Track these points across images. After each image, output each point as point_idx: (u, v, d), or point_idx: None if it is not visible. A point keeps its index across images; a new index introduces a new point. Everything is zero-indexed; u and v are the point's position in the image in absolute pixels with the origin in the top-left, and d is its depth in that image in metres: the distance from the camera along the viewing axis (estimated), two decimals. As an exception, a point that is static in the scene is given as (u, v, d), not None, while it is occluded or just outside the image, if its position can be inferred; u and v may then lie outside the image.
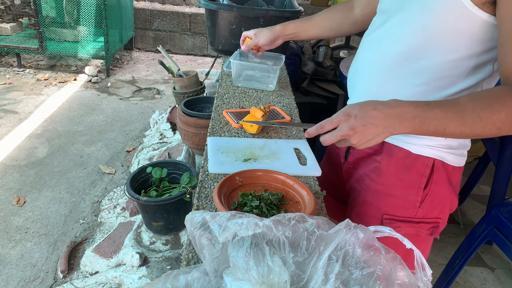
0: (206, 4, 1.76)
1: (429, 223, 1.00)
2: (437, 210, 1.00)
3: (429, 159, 0.94)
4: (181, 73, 2.71)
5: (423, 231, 1.00)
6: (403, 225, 0.99)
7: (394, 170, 0.98)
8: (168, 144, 2.84)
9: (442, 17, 0.79)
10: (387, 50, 0.91)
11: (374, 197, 1.03)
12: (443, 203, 1.00)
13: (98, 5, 4.16)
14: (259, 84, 1.51)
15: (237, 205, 0.81)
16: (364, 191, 1.05)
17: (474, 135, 0.76)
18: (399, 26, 0.88)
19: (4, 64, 4.46)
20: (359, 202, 1.07)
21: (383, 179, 1.00)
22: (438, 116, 0.73)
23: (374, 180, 1.02)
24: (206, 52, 5.56)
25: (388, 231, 0.61)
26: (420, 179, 0.96)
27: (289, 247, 0.57)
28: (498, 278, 2.12)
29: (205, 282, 0.56)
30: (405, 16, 0.86)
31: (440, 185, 0.97)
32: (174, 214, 1.79)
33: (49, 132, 3.18)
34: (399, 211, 1.00)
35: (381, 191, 1.01)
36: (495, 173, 2.16)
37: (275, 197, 0.83)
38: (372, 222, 1.01)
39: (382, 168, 1.00)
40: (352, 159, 1.10)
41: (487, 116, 0.72)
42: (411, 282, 0.56)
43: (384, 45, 0.92)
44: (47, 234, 2.16)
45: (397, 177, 0.98)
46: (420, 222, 1.00)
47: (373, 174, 1.02)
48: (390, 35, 0.91)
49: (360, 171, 1.07)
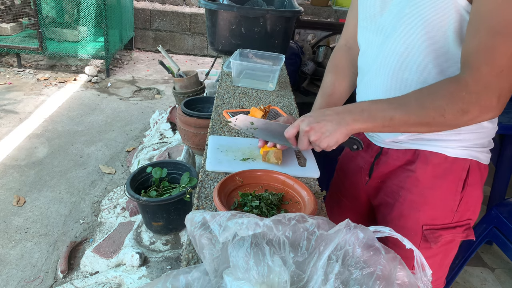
0: (206, 4, 1.76)
1: (463, 226, 0.98)
2: (470, 211, 0.98)
3: (466, 160, 0.92)
4: (181, 73, 2.71)
5: (458, 235, 0.98)
6: (444, 232, 0.97)
7: (432, 177, 0.95)
8: (168, 144, 2.84)
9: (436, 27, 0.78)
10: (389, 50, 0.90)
11: (411, 209, 0.98)
12: (476, 203, 0.98)
13: (98, 5, 4.16)
14: (259, 84, 1.51)
15: (237, 205, 0.81)
16: (399, 204, 1.01)
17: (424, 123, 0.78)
18: (400, 40, 0.86)
19: (4, 64, 4.46)
20: (394, 216, 1.02)
21: (420, 188, 0.96)
22: (384, 108, 0.79)
23: (410, 191, 0.98)
24: (206, 52, 5.56)
25: (388, 231, 0.61)
26: (457, 183, 0.93)
27: (289, 247, 0.57)
28: (498, 278, 2.12)
29: (205, 282, 0.56)
30: (403, 29, 0.85)
31: (475, 185, 0.95)
32: (174, 214, 1.79)
33: (49, 132, 3.18)
34: (438, 219, 0.97)
35: (418, 201, 0.97)
36: (495, 173, 2.16)
37: (275, 197, 0.83)
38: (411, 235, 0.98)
39: (418, 176, 0.96)
40: (378, 174, 1.05)
41: (429, 104, 0.75)
42: (411, 282, 0.56)
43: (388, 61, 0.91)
44: (47, 234, 2.16)
45: (435, 184, 0.95)
46: (456, 227, 0.97)
47: (409, 184, 0.98)
48: (393, 49, 0.88)
49: (391, 183, 1.03)
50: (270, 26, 1.75)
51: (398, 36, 0.85)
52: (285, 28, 1.78)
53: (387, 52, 0.89)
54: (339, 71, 1.12)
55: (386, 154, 1.02)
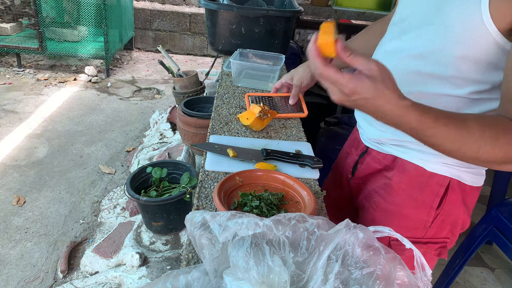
0: (206, 4, 1.76)
1: (437, 243, 0.95)
2: (447, 230, 0.95)
3: (445, 178, 0.88)
4: (181, 73, 2.71)
5: (431, 251, 0.95)
6: None
7: (406, 188, 0.92)
8: (168, 144, 2.84)
9: (462, 41, 0.73)
10: (403, 64, 0.86)
11: (383, 217, 0.97)
12: (454, 223, 0.95)
13: (98, 5, 4.16)
14: (259, 84, 1.51)
15: (237, 205, 0.81)
16: (372, 209, 1.00)
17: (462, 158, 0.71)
18: (416, 42, 0.83)
19: (4, 64, 4.46)
20: (367, 221, 1.01)
21: (394, 197, 0.94)
22: (438, 135, 0.67)
23: (384, 198, 0.96)
24: (206, 52, 5.56)
25: (388, 231, 0.61)
26: (433, 199, 0.90)
27: (289, 247, 0.57)
28: (498, 278, 2.12)
29: (205, 282, 0.56)
30: (423, 33, 0.81)
31: (454, 205, 0.91)
32: (174, 214, 1.79)
33: (49, 132, 3.18)
34: (409, 232, 0.93)
35: (391, 210, 0.95)
36: (495, 173, 2.16)
37: (275, 197, 0.83)
38: None
39: (393, 185, 0.94)
40: (360, 174, 1.04)
41: (487, 150, 0.67)
42: (411, 282, 0.56)
43: (400, 58, 0.86)
44: (47, 234, 2.16)
45: (409, 196, 0.92)
46: (428, 243, 0.95)
47: (383, 191, 0.96)
48: (407, 49, 0.85)
49: (369, 187, 1.01)
50: (270, 26, 1.75)
51: (419, 37, 0.81)
52: (285, 28, 1.78)
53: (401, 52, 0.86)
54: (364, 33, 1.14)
55: (370, 155, 1.00)
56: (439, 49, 0.78)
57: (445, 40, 0.76)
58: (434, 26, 0.77)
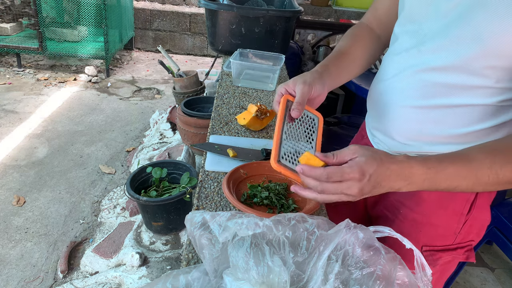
0: (206, 4, 1.76)
1: (464, 247, 0.95)
2: (473, 233, 0.94)
3: None
4: (181, 73, 2.71)
5: (458, 257, 0.94)
6: (443, 254, 0.93)
7: (437, 198, 0.89)
8: (168, 144, 2.84)
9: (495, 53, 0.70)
10: (424, 76, 0.81)
11: (411, 228, 0.94)
12: (481, 226, 0.94)
13: (98, 5, 4.16)
14: (259, 84, 1.51)
15: (246, 197, 0.85)
16: (399, 221, 0.96)
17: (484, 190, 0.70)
18: (440, 54, 0.77)
19: (4, 64, 4.46)
20: None
21: (424, 208, 0.91)
22: (450, 177, 0.67)
23: (413, 209, 0.93)
24: (206, 52, 5.56)
25: (388, 231, 0.61)
26: (464, 205, 0.88)
27: (289, 247, 0.57)
28: (498, 278, 2.12)
29: (205, 282, 0.56)
30: (446, 45, 0.75)
31: (482, 208, 0.91)
32: (174, 214, 1.79)
33: (49, 132, 3.18)
34: (438, 240, 0.93)
35: (420, 221, 0.92)
36: (495, 173, 2.15)
37: (281, 187, 0.87)
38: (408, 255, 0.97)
39: (423, 195, 0.90)
40: None
41: (506, 174, 0.66)
42: (411, 282, 0.56)
43: (420, 71, 0.82)
44: (47, 234, 2.16)
45: (440, 205, 0.90)
46: (457, 248, 0.94)
47: (411, 202, 0.93)
48: (427, 62, 0.80)
49: (392, 197, 0.98)
50: (270, 26, 1.75)
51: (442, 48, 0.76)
52: (285, 28, 1.78)
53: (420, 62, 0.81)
54: (358, 40, 1.00)
55: None
56: (466, 62, 0.74)
57: (475, 52, 0.71)
58: (459, 38, 0.73)
